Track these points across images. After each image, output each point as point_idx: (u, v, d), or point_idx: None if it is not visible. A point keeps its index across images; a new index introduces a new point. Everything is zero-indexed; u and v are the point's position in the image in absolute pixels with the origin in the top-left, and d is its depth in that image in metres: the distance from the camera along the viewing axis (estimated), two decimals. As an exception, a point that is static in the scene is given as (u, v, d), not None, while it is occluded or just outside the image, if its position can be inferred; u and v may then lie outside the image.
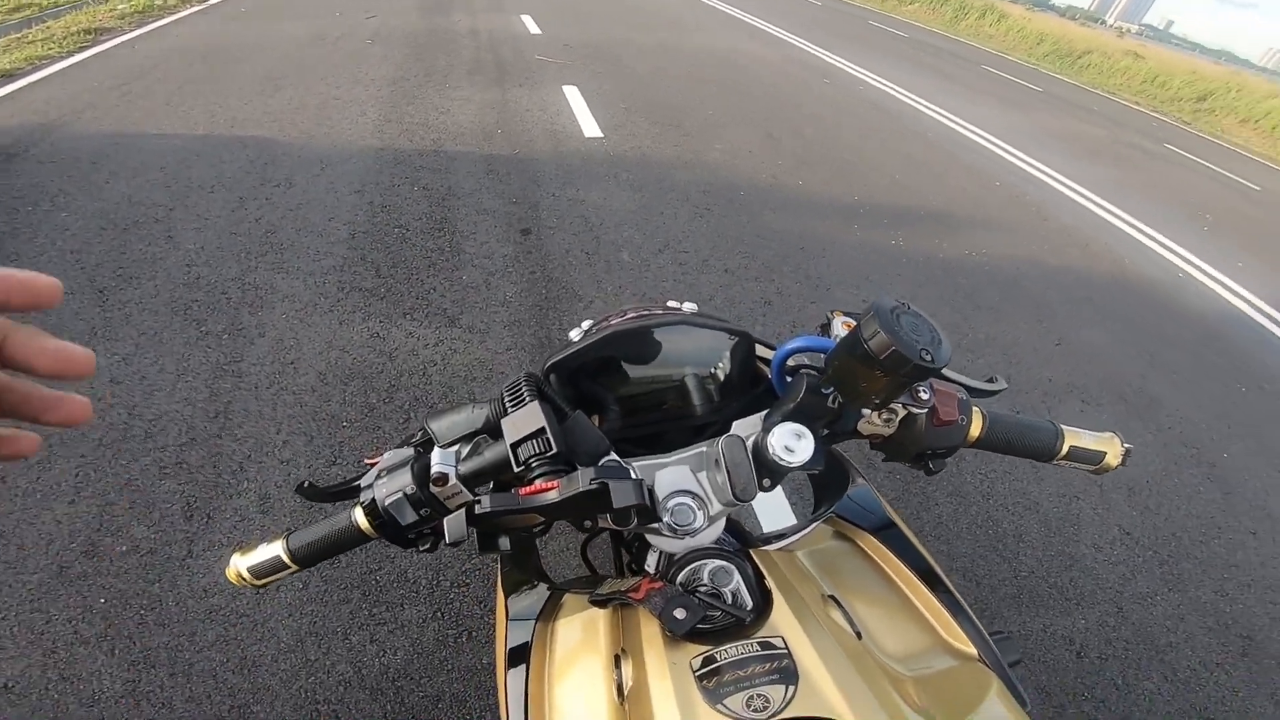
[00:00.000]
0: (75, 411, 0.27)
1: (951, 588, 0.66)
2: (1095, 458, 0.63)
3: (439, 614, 1.49)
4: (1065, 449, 0.62)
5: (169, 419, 1.84)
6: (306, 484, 0.59)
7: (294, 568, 0.57)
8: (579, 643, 0.61)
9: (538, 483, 0.48)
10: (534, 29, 6.28)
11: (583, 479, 0.47)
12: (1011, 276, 3.68)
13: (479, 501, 0.49)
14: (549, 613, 0.66)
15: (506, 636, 0.64)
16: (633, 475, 0.49)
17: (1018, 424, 0.62)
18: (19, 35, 4.66)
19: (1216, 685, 1.82)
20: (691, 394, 0.68)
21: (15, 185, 2.80)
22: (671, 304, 0.70)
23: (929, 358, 0.47)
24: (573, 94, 4.58)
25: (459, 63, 5.06)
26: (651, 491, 0.51)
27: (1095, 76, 14.46)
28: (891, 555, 0.68)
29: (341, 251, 2.67)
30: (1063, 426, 0.63)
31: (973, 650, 0.62)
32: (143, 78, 4.15)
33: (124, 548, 1.51)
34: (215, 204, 2.84)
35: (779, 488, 2.06)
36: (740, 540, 0.62)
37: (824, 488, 0.77)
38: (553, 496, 0.47)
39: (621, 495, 0.47)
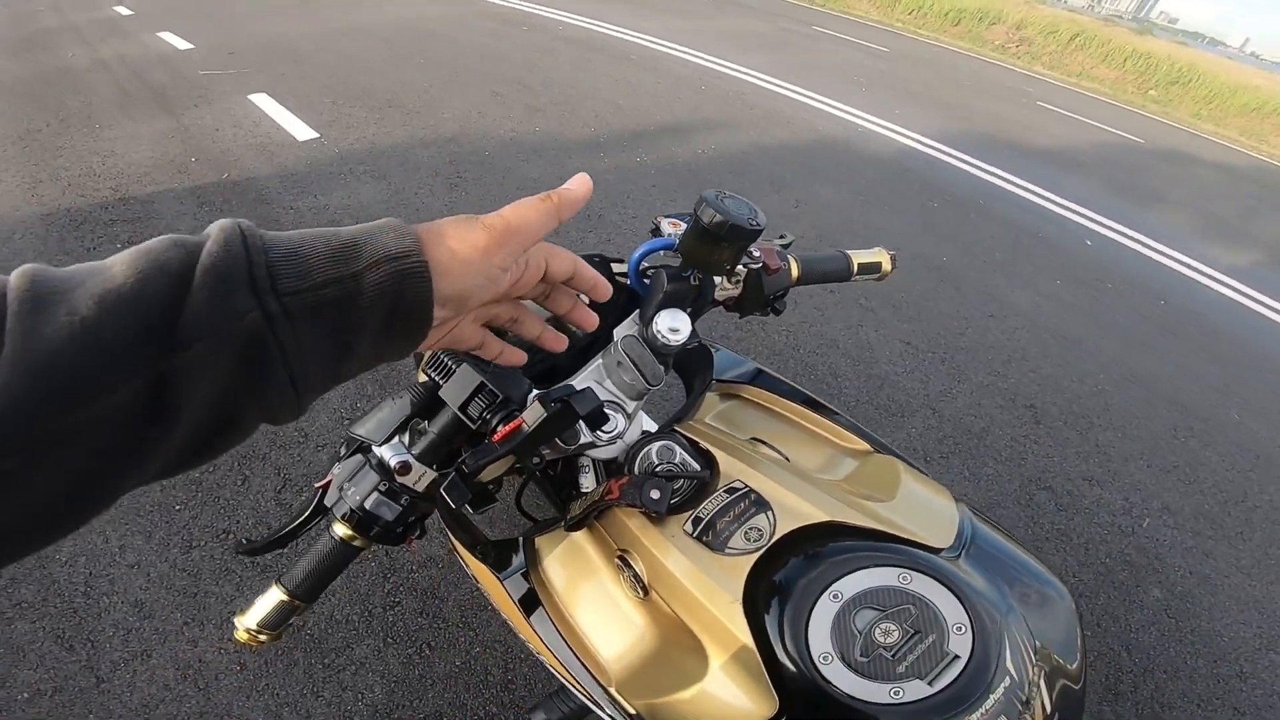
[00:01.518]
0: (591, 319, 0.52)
1: (829, 405, 0.79)
2: (876, 268, 0.82)
3: (389, 639, 1.44)
4: (856, 267, 0.81)
5: None
6: (244, 541, 0.60)
7: (303, 604, 0.59)
8: (575, 570, 0.65)
9: (501, 428, 0.53)
10: (182, 44, 5.37)
11: (543, 406, 0.52)
12: (742, 162, 4.16)
13: (464, 460, 0.52)
14: (531, 561, 0.69)
15: (510, 594, 0.67)
16: (584, 389, 0.55)
17: (819, 258, 0.79)
18: None
19: (1036, 455, 2.24)
20: (566, 322, 0.76)
21: None
22: None
23: (755, 222, 0.58)
24: (264, 101, 4.07)
25: (100, 99, 4.21)
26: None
27: (743, -21, 16.20)
28: (774, 396, 0.79)
29: (52, 347, 2.19)
30: (847, 251, 0.81)
31: (868, 446, 0.75)
32: None
33: (26, 695, 1.29)
34: None
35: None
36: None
37: (692, 368, 0.87)
38: (525, 429, 0.52)
39: (584, 403, 0.53)
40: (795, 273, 0.76)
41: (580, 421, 0.54)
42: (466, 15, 7.02)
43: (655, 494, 0.58)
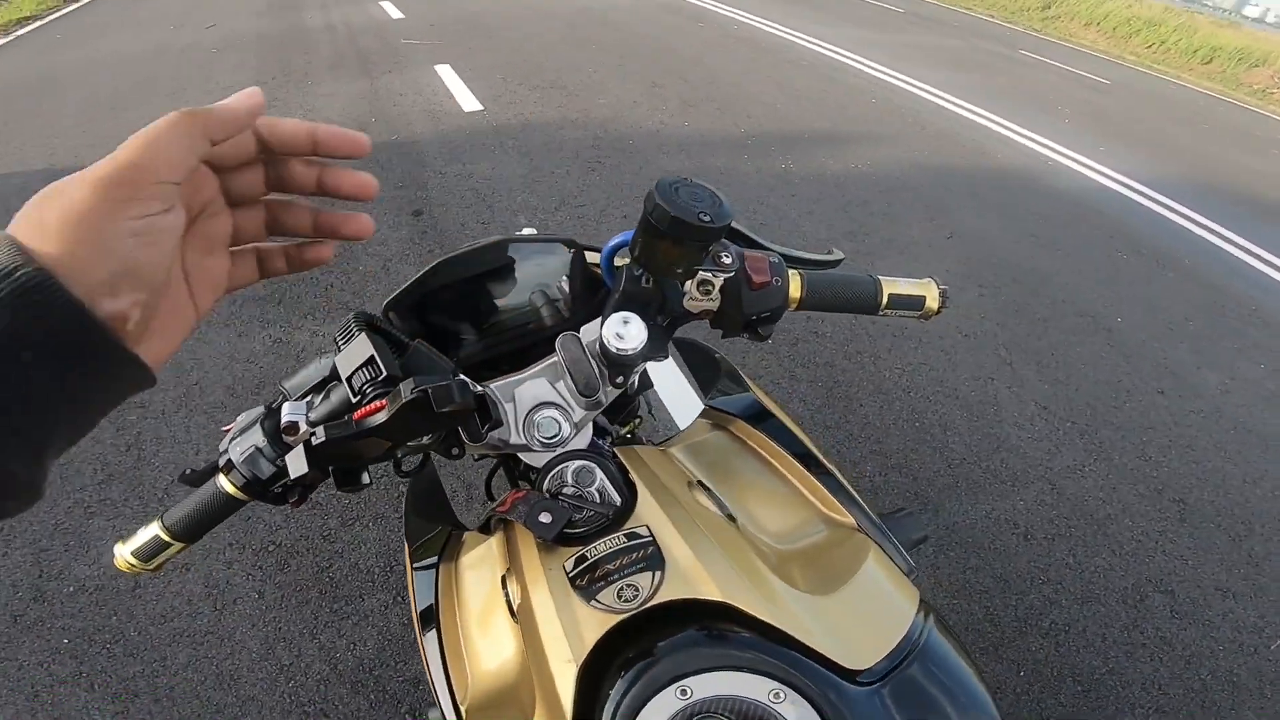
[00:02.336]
0: (365, 224, 0.36)
1: (829, 465, 0.68)
2: (916, 303, 0.64)
3: (399, 598, 1.48)
4: (886, 298, 0.64)
5: (82, 460, 1.75)
6: (187, 471, 0.57)
7: (178, 544, 0.57)
8: (479, 575, 0.61)
9: (370, 405, 0.48)
10: (395, 14, 6.01)
11: (405, 391, 0.46)
12: (899, 182, 3.85)
13: (314, 433, 0.48)
14: (450, 553, 0.65)
15: (415, 594, 0.63)
16: (457, 378, 0.48)
17: (837, 280, 0.63)
18: None
19: (1164, 555, 1.90)
20: (541, 310, 0.69)
21: None
22: (517, 234, 0.71)
23: (707, 218, 0.49)
24: (446, 72, 4.43)
25: (319, 59, 4.80)
26: (484, 397, 0.51)
27: (950, -6, 15.13)
28: (768, 440, 0.69)
29: (225, 264, 2.52)
30: (880, 277, 0.64)
31: (850, 520, 0.63)
32: (-41, 121, 3.73)
33: (70, 588, 1.47)
34: (72, 240, 2.61)
35: (691, 389, 2.12)
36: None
37: (706, 386, 0.79)
38: (381, 416, 0.46)
39: (441, 398, 0.46)
40: (796, 292, 0.62)
41: (478, 417, 0.48)
42: (648, 7, 7.18)
43: (546, 518, 0.51)
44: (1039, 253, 3.42)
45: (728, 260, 0.58)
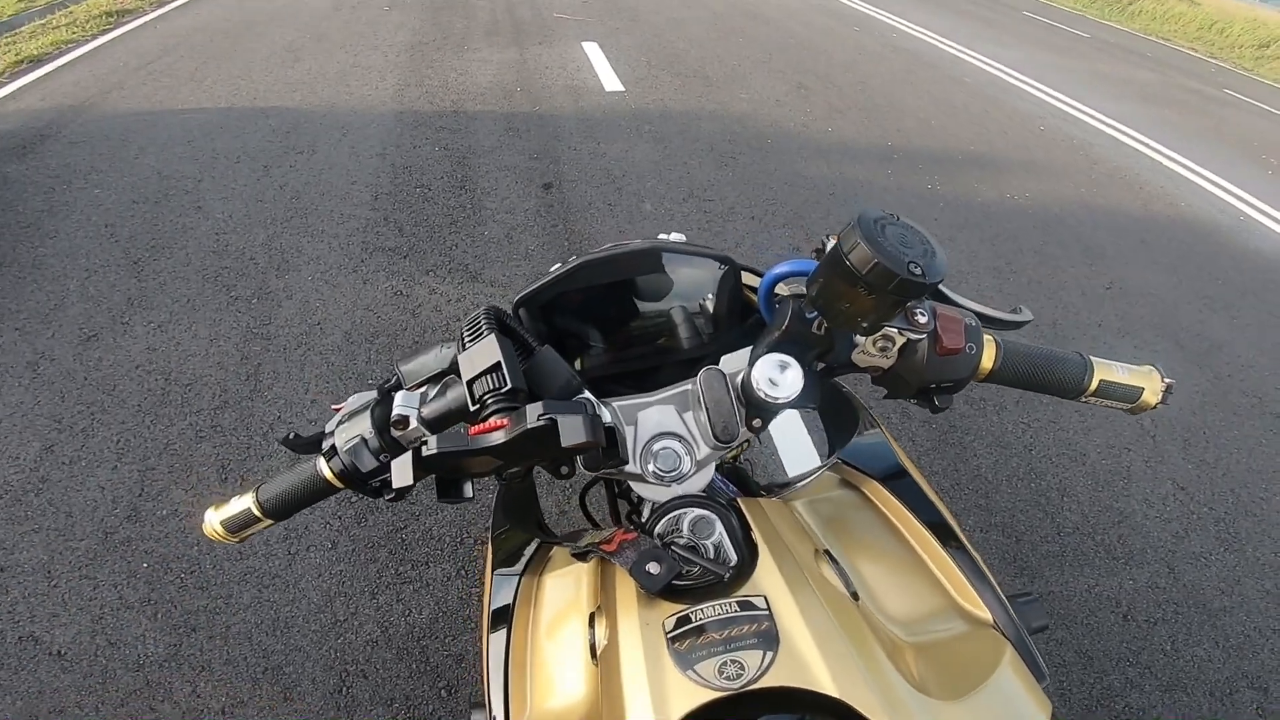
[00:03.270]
0: None
1: (967, 544, 0.60)
2: (1131, 394, 0.55)
3: (463, 571, 1.47)
4: (1095, 384, 0.55)
5: (203, 383, 1.87)
6: (291, 435, 0.56)
7: (266, 521, 0.55)
8: (563, 598, 0.58)
9: (490, 421, 0.44)
10: (552, -11, 6.15)
11: (531, 415, 0.42)
12: (1057, 219, 3.49)
13: (426, 443, 0.45)
14: (536, 565, 0.62)
15: (491, 593, 0.61)
16: (590, 410, 0.43)
17: (1039, 355, 0.55)
18: (43, 21, 4.72)
19: (1271, 653, 1.71)
20: (678, 327, 0.64)
21: (49, 165, 2.85)
22: (661, 236, 0.66)
23: (919, 271, 0.41)
24: (592, 50, 4.47)
25: (476, 25, 4.99)
26: (613, 430, 0.46)
27: (1148, 23, 13.60)
28: (901, 507, 0.62)
29: (365, 213, 2.66)
30: (1093, 359, 0.56)
31: (986, 615, 0.56)
32: (165, 56, 4.18)
33: (164, 512, 1.53)
34: (241, 173, 2.86)
35: (805, 432, 2.00)
36: (743, 490, 0.58)
37: (836, 432, 0.72)
38: (499, 437, 0.42)
39: (571, 432, 0.41)
40: (988, 364, 0.53)
41: (586, 451, 0.43)
42: (803, 6, 6.93)
43: (654, 568, 0.46)
44: (1212, 318, 2.99)
45: (923, 319, 0.50)
